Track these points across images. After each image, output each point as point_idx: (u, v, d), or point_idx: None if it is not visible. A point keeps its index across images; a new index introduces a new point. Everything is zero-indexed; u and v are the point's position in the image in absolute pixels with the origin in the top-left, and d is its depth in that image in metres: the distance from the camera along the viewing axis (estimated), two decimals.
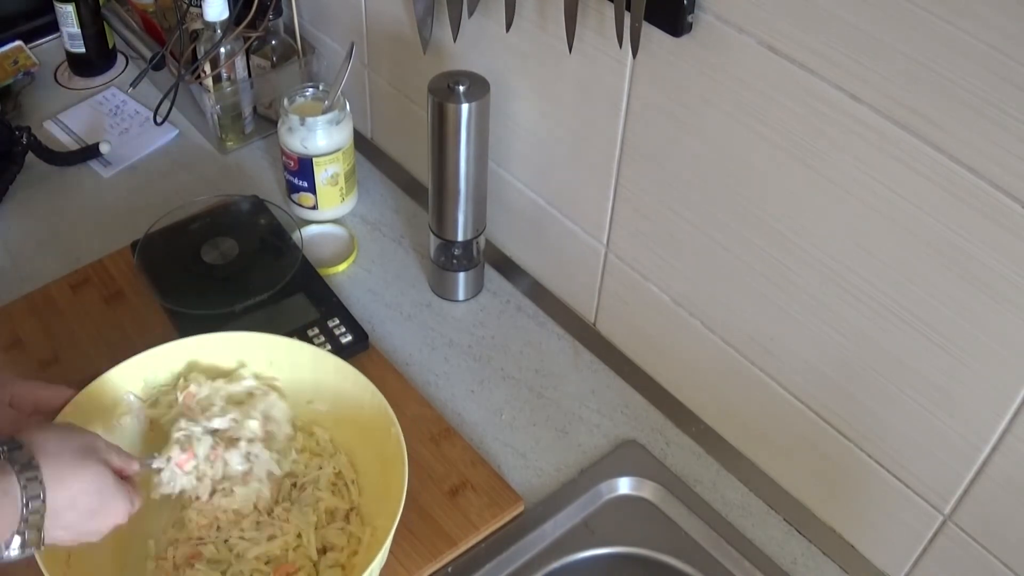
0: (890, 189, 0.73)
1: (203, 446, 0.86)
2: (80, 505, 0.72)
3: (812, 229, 0.80)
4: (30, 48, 1.38)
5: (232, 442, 0.88)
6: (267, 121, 1.31)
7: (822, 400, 0.87)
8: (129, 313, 1.08)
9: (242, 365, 0.94)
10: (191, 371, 0.93)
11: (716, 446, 0.99)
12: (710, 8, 0.78)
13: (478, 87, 0.97)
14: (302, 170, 1.16)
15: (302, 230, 1.16)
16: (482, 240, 1.10)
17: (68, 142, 1.30)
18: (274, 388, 0.93)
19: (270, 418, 0.91)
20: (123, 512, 0.76)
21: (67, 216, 1.21)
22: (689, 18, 0.79)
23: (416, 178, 1.26)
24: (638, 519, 0.94)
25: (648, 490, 0.96)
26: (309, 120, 1.13)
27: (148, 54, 1.34)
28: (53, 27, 1.39)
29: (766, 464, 0.96)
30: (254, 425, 0.89)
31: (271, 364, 0.94)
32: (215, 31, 1.20)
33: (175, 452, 0.85)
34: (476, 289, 1.13)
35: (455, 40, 1.03)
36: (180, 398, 0.90)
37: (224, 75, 1.25)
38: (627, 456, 0.98)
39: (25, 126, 1.23)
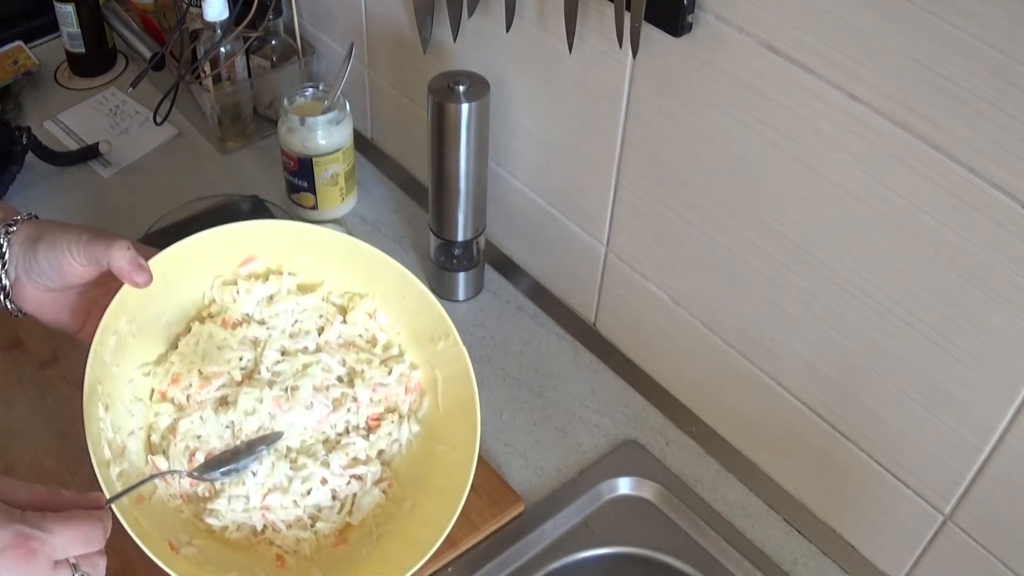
0: (890, 189, 0.73)
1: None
2: None
3: (812, 229, 0.80)
4: (30, 48, 1.38)
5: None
6: (267, 121, 1.31)
7: (822, 400, 0.87)
8: None
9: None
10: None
11: (716, 446, 0.99)
12: (710, 8, 0.78)
13: (478, 87, 0.97)
14: (302, 170, 1.16)
15: None
16: (482, 240, 1.10)
17: (68, 142, 1.30)
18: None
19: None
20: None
21: (67, 216, 1.21)
22: (689, 18, 0.79)
23: (416, 178, 1.26)
24: (638, 519, 0.94)
25: (648, 490, 0.96)
26: (309, 120, 1.13)
27: (148, 54, 1.34)
28: (53, 27, 1.39)
29: (766, 464, 0.96)
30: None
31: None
32: (215, 31, 1.20)
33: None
34: (476, 289, 1.13)
35: (455, 40, 1.03)
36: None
37: (224, 75, 1.25)
38: (627, 456, 0.98)
39: (25, 126, 1.23)
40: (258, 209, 1.17)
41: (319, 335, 0.92)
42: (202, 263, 0.90)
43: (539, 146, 1.03)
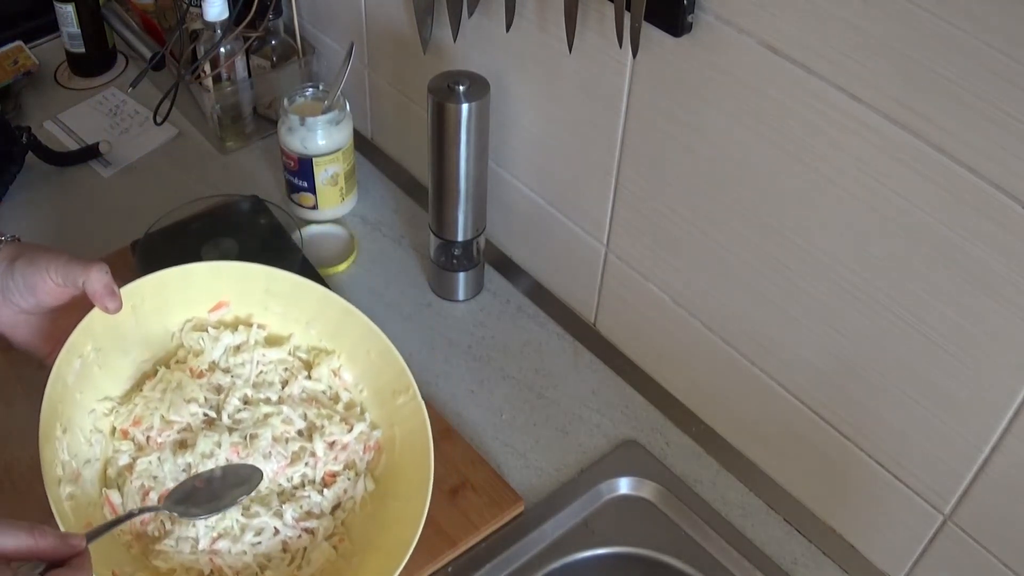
0: (890, 189, 0.73)
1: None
2: None
3: (812, 229, 0.80)
4: (30, 48, 1.38)
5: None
6: (267, 121, 1.31)
7: (822, 400, 0.87)
8: None
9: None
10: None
11: (716, 446, 0.99)
12: (710, 8, 0.78)
13: (478, 87, 0.97)
14: (302, 170, 1.16)
15: (302, 230, 1.16)
16: (482, 240, 1.10)
17: (68, 142, 1.30)
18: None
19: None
20: None
21: (67, 216, 1.21)
22: (689, 18, 0.79)
23: (416, 178, 1.26)
24: (638, 519, 0.94)
25: (648, 490, 0.96)
26: (309, 120, 1.13)
27: (148, 54, 1.34)
28: (53, 27, 1.39)
29: (766, 464, 0.96)
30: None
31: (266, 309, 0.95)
32: (215, 31, 1.20)
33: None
34: (476, 289, 1.13)
35: (455, 40, 1.03)
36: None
37: (224, 75, 1.25)
38: (627, 456, 0.98)
39: (25, 126, 1.23)
40: (258, 209, 1.17)
41: (283, 388, 0.93)
42: (172, 300, 0.91)
43: (539, 146, 1.03)
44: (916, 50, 0.66)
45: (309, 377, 0.94)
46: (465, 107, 0.96)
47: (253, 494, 0.84)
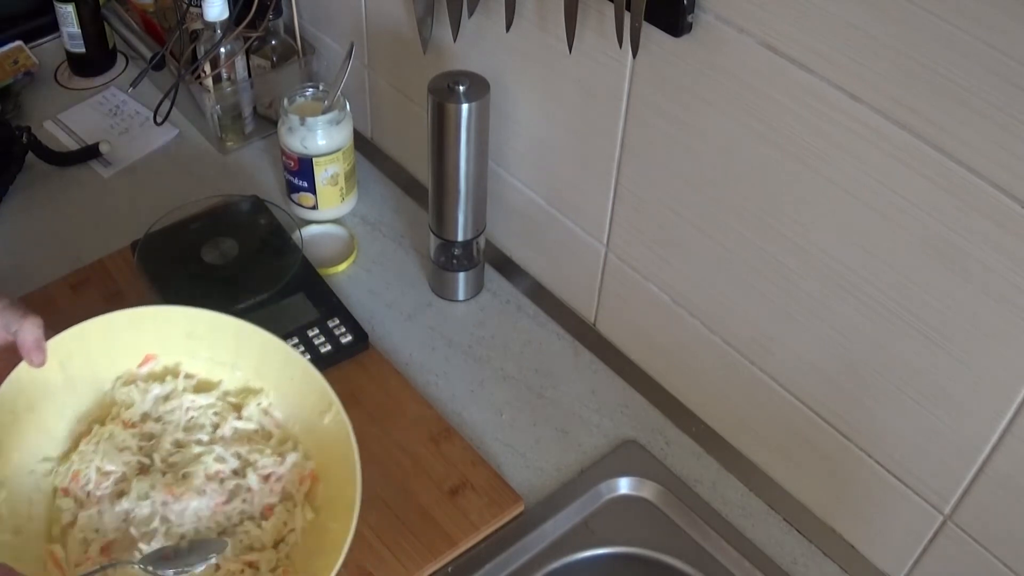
0: (890, 189, 0.73)
1: None
2: None
3: (812, 229, 0.80)
4: (30, 48, 1.38)
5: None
6: (267, 121, 1.31)
7: (822, 400, 0.87)
8: None
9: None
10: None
11: (716, 446, 0.99)
12: (710, 8, 0.78)
13: (478, 87, 0.97)
14: (302, 170, 1.16)
15: (302, 230, 1.16)
16: (482, 240, 1.10)
17: (68, 142, 1.30)
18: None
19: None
20: None
21: (67, 216, 1.21)
22: (689, 18, 0.79)
23: (416, 178, 1.26)
24: (638, 519, 0.94)
25: (648, 490, 0.96)
26: (309, 120, 1.13)
27: (148, 54, 1.34)
28: (53, 27, 1.39)
29: (766, 464, 0.96)
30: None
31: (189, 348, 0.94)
32: (215, 31, 1.20)
33: None
34: (476, 289, 1.13)
35: (455, 40, 1.03)
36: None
37: (224, 75, 1.25)
38: (627, 456, 0.98)
39: (25, 126, 1.23)
40: (258, 209, 1.17)
41: (214, 431, 0.93)
42: (97, 354, 0.91)
43: (539, 146, 1.03)
44: (916, 50, 0.66)
45: (240, 418, 0.94)
46: (465, 107, 0.96)
47: (186, 532, 0.85)
